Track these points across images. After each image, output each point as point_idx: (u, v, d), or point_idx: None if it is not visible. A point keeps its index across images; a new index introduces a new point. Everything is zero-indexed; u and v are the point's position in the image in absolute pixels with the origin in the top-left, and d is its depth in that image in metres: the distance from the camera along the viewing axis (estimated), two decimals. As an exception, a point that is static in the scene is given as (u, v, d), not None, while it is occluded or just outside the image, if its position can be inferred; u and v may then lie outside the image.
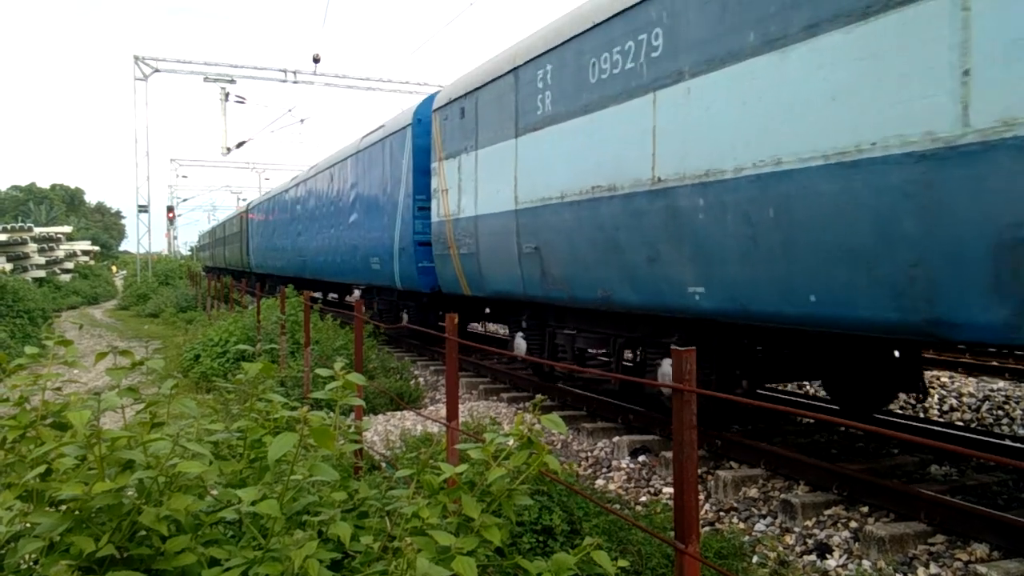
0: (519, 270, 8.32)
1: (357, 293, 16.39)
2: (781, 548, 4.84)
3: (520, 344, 9.20)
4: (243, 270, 32.18)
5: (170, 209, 54.04)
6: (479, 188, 9.31)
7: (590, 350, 8.05)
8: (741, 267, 5.21)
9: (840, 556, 4.67)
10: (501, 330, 17.35)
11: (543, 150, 7.72)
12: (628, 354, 7.91)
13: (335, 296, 22.67)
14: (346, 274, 16.15)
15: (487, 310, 11.83)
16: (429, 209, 11.20)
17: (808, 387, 10.21)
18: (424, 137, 11.61)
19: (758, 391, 9.22)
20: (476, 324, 16.61)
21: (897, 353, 6.74)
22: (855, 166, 4.29)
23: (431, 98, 11.76)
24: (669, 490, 5.98)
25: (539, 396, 2.86)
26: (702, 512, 5.59)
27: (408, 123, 12.21)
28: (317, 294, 23.76)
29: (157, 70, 32.47)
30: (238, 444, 2.82)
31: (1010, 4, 3.60)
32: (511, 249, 8.42)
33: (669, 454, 6.42)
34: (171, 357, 13.15)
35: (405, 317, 13.40)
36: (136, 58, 32.37)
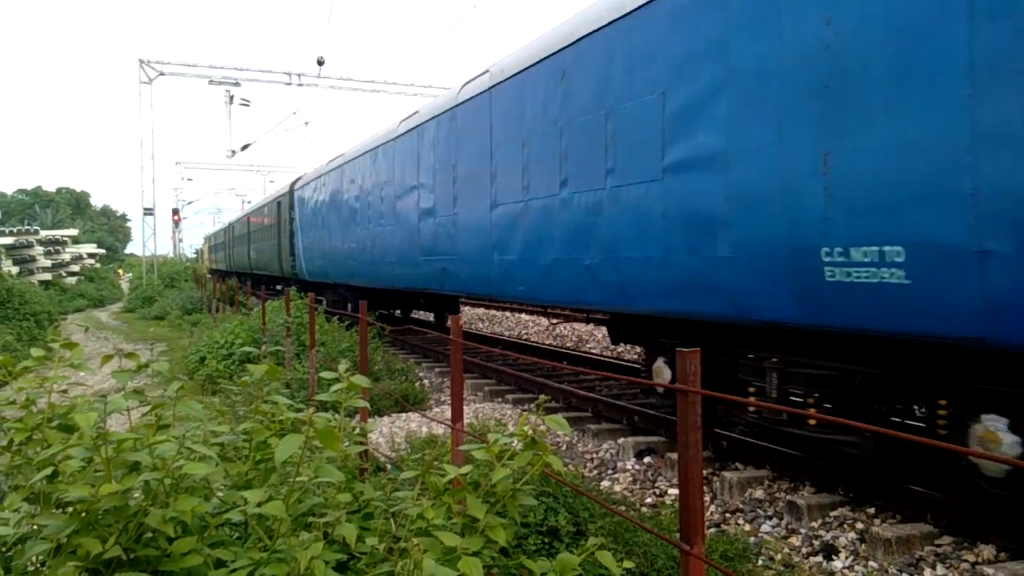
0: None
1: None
2: (787, 549, 4.82)
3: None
4: (281, 276, 23.75)
5: (175, 212, 54.22)
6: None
7: None
8: None
9: (846, 557, 4.65)
10: (507, 332, 17.34)
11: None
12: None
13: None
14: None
15: None
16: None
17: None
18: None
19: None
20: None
21: None
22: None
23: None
24: (674, 491, 5.97)
25: (543, 397, 2.86)
26: (707, 513, 5.58)
27: None
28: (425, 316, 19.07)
29: (162, 73, 32.57)
30: (244, 446, 2.82)
31: None
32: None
33: (674, 455, 6.41)
34: (176, 359, 13.19)
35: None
36: (141, 61, 32.47)
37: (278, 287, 22.39)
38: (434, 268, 11.13)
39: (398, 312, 18.28)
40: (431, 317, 18.80)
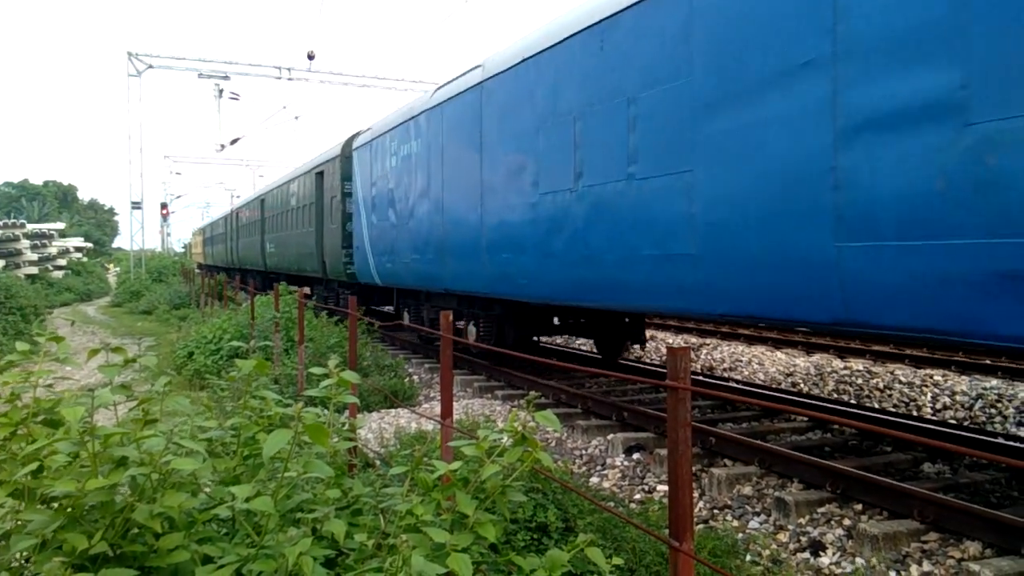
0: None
1: None
2: (775, 546, 4.85)
3: None
4: (322, 279, 17.74)
5: (164, 206, 53.91)
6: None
7: None
8: None
9: (833, 554, 4.68)
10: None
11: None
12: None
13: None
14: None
15: None
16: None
17: (802, 385, 10.24)
18: None
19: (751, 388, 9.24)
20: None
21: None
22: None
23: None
24: (663, 488, 5.98)
25: (532, 393, 2.86)
26: (696, 510, 5.60)
27: None
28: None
29: (151, 66, 32.34)
30: (232, 441, 2.81)
31: None
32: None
33: (663, 452, 6.43)
34: (164, 354, 13.12)
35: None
36: (129, 54, 32.22)
37: (314, 297, 17.63)
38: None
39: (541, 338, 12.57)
40: (587, 345, 13.74)
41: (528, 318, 10.26)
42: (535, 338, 11.47)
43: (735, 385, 9.83)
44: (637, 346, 11.36)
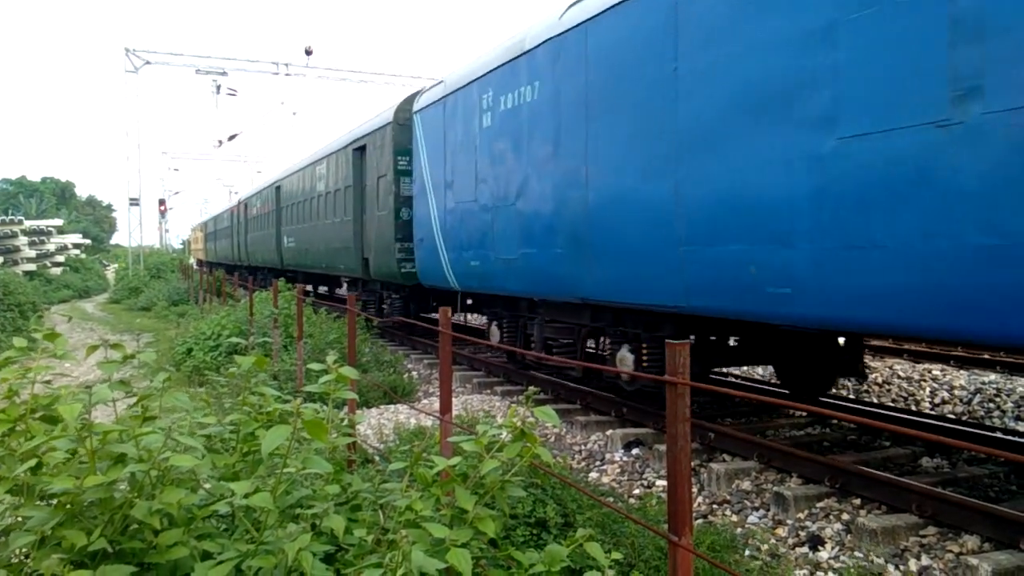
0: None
1: None
2: (773, 540, 4.85)
3: None
4: (352, 277, 15.76)
5: (162, 202, 53.85)
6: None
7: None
8: None
9: (832, 548, 4.69)
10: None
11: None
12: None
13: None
14: None
15: None
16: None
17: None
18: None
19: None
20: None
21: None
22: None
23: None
24: (662, 483, 5.99)
25: (532, 388, 2.86)
26: (695, 505, 5.60)
27: None
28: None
29: (148, 62, 32.26)
30: (231, 438, 2.81)
31: None
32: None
33: (662, 447, 6.43)
34: (163, 351, 13.11)
35: None
36: (127, 50, 32.13)
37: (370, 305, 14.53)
38: None
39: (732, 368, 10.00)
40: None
41: (708, 342, 7.28)
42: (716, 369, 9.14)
43: (734, 380, 9.83)
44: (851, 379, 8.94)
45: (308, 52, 31.36)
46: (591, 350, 8.35)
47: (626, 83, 6.60)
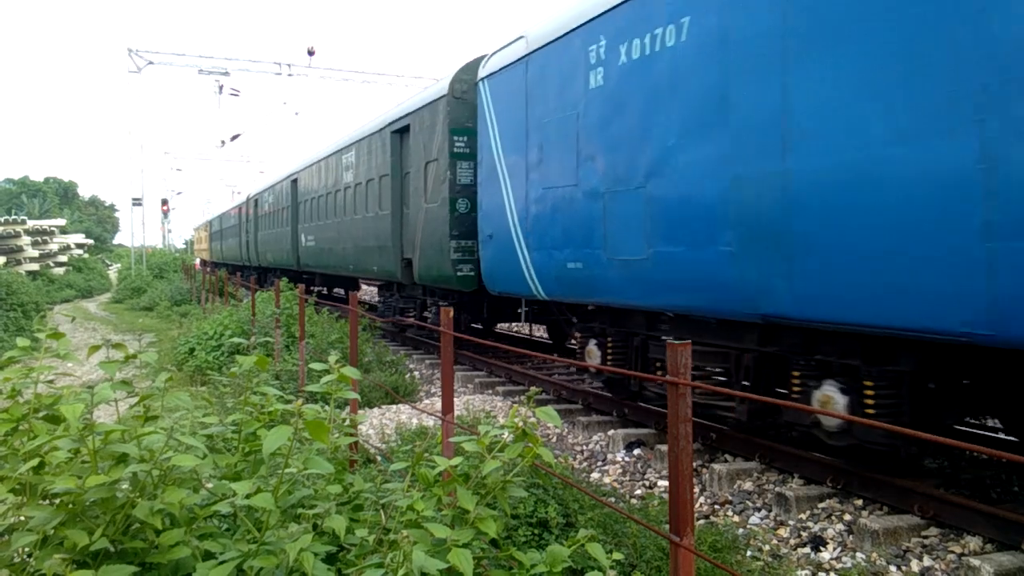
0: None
1: None
2: (775, 541, 4.85)
3: None
4: (389, 281, 13.56)
5: (164, 202, 53.92)
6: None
7: None
8: None
9: (834, 549, 4.68)
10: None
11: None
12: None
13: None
14: None
15: None
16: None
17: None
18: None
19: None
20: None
21: None
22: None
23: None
24: (664, 483, 5.99)
25: (533, 388, 2.86)
26: (697, 505, 5.60)
27: None
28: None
29: (151, 62, 32.30)
30: (232, 437, 2.81)
31: None
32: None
33: (664, 447, 6.43)
34: (165, 351, 13.12)
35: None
36: (130, 50, 32.18)
37: (381, 309, 13.47)
38: None
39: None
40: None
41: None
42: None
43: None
44: None
45: (311, 52, 31.40)
46: (746, 383, 6.01)
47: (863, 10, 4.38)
